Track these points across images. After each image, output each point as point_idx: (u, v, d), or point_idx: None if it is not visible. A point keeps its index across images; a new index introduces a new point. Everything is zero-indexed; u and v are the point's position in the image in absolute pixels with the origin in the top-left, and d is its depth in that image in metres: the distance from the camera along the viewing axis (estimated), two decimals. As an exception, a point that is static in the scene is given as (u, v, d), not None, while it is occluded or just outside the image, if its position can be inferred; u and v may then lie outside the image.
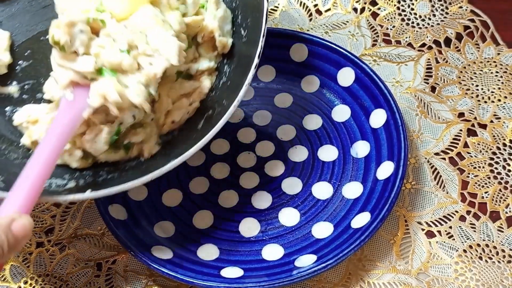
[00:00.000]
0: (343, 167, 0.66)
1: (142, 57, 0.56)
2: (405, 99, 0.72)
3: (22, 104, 0.62)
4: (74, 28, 0.54)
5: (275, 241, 0.62)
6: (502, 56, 0.74)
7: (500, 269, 0.61)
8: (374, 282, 0.61)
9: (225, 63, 0.63)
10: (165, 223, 0.64)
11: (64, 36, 0.53)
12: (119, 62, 0.55)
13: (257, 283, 0.57)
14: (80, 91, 0.55)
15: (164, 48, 0.55)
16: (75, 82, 0.55)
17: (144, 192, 0.65)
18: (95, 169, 0.61)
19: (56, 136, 0.53)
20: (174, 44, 0.56)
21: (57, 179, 0.60)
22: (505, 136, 0.69)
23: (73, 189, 0.58)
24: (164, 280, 0.62)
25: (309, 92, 0.71)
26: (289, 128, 0.69)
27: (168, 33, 0.56)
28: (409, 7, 0.79)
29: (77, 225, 0.66)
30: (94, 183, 0.59)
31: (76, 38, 0.54)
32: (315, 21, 0.79)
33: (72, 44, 0.54)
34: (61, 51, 0.54)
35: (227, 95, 0.60)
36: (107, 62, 0.54)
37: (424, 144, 0.69)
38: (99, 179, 0.60)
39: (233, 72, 0.62)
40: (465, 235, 0.63)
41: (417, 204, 0.65)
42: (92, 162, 0.61)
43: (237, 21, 0.64)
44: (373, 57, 0.75)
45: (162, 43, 0.55)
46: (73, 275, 0.63)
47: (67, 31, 0.53)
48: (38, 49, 0.64)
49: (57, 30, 0.53)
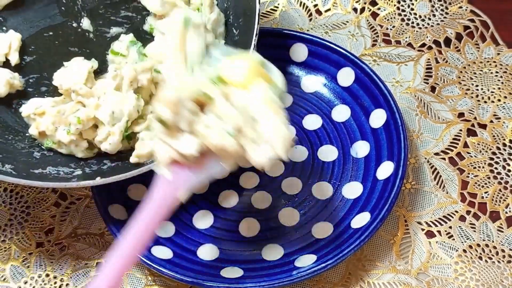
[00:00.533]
0: (343, 167, 0.66)
1: (248, 144, 0.51)
2: (405, 99, 0.72)
3: (27, 97, 0.64)
4: (182, 106, 0.50)
5: (275, 241, 0.62)
6: (502, 56, 0.74)
7: (500, 269, 0.61)
8: (374, 282, 0.61)
9: None
10: (165, 223, 0.64)
11: (169, 114, 0.50)
12: (223, 145, 0.50)
13: (257, 283, 0.57)
14: (179, 170, 0.52)
15: (274, 138, 0.50)
16: (175, 161, 0.52)
17: (144, 192, 0.65)
18: (99, 158, 0.63)
19: (152, 211, 0.51)
20: (286, 136, 0.50)
21: (63, 168, 0.61)
22: (505, 136, 0.69)
23: (80, 176, 0.60)
24: (164, 280, 0.62)
25: (309, 92, 0.71)
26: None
27: (279, 120, 0.51)
28: (409, 7, 0.79)
29: (77, 225, 0.66)
30: (100, 171, 0.61)
31: (182, 116, 0.51)
32: (315, 21, 0.79)
33: (177, 122, 0.51)
34: (164, 128, 0.51)
35: None
36: (212, 145, 0.51)
37: (424, 144, 0.69)
38: (104, 167, 0.62)
39: None
40: (465, 235, 0.63)
41: (417, 204, 0.65)
42: (97, 152, 0.63)
43: (229, 21, 0.65)
44: (373, 57, 0.75)
45: (271, 132, 0.50)
46: (73, 275, 0.63)
47: (173, 109, 0.50)
48: (41, 45, 0.66)
49: (164, 109, 0.50)
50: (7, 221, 0.67)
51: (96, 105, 0.60)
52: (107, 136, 0.60)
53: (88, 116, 0.60)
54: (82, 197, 0.68)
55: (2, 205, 0.68)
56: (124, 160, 0.62)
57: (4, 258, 0.64)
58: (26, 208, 0.67)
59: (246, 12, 0.62)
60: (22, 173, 0.58)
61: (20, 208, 0.67)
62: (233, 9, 0.66)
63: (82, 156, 0.62)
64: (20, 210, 0.67)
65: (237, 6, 0.65)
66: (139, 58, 0.64)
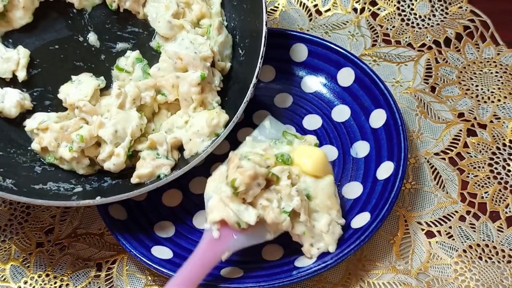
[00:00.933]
0: (343, 167, 0.66)
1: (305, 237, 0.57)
2: (405, 99, 0.72)
3: (31, 111, 0.64)
4: (255, 180, 0.55)
5: (275, 241, 0.62)
6: (502, 56, 0.74)
7: (500, 269, 0.61)
8: (374, 282, 0.61)
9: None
10: (165, 223, 0.64)
11: (243, 185, 0.54)
12: (278, 222, 0.55)
13: (257, 283, 0.57)
14: (227, 232, 0.56)
15: (330, 236, 0.58)
16: (225, 222, 0.55)
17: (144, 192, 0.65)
18: (100, 175, 0.63)
19: (195, 266, 0.55)
20: (338, 235, 0.58)
21: (64, 183, 0.62)
22: (505, 136, 0.69)
23: (80, 193, 0.61)
24: (164, 280, 0.62)
25: (309, 92, 0.71)
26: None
27: (335, 216, 0.58)
28: (409, 7, 0.79)
29: (77, 225, 0.66)
30: (100, 188, 0.62)
31: (251, 189, 0.55)
32: (315, 21, 0.79)
33: (246, 193, 0.55)
34: (233, 194, 0.55)
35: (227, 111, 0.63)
36: (269, 219, 0.55)
37: (424, 144, 0.69)
38: (104, 185, 0.62)
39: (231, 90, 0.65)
40: (465, 235, 0.63)
41: (417, 204, 0.65)
42: (98, 169, 0.63)
43: (235, 41, 0.66)
44: (373, 57, 0.75)
45: (327, 228, 0.57)
46: (73, 275, 0.63)
47: (248, 181, 0.54)
48: (47, 58, 0.65)
49: (240, 177, 0.54)
50: (7, 221, 0.67)
51: (100, 123, 0.60)
52: (110, 154, 0.60)
53: (91, 135, 0.60)
54: (82, 197, 0.68)
55: (2, 205, 0.68)
56: (125, 178, 0.62)
57: (4, 258, 0.64)
58: (26, 208, 0.67)
59: (253, 34, 0.63)
60: (23, 188, 0.59)
61: (20, 208, 0.67)
62: (239, 30, 0.66)
63: (83, 173, 0.63)
64: (20, 210, 0.67)
65: (244, 27, 0.66)
66: (143, 76, 0.64)
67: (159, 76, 0.63)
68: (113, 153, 0.60)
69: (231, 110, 0.62)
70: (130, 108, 0.62)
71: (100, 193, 0.59)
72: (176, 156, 0.62)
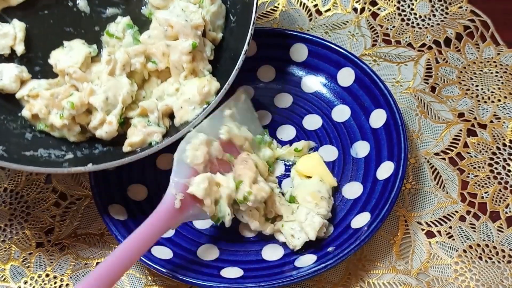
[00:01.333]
0: (343, 167, 0.66)
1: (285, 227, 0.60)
2: (405, 99, 0.72)
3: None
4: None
5: (275, 241, 0.62)
6: (502, 56, 0.74)
7: (500, 269, 0.61)
8: (374, 282, 0.61)
9: None
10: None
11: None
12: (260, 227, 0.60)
13: (257, 283, 0.57)
14: (188, 205, 0.57)
15: (308, 225, 0.59)
16: (186, 200, 0.56)
17: (144, 192, 0.65)
18: (90, 142, 0.63)
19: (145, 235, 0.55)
20: (319, 224, 0.59)
21: (55, 150, 0.62)
22: (505, 136, 0.69)
23: (72, 160, 0.60)
24: (164, 280, 0.62)
25: (309, 92, 0.71)
26: (289, 128, 0.69)
27: (315, 210, 0.60)
28: (409, 7, 0.79)
29: (77, 225, 0.66)
30: (92, 155, 0.62)
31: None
32: (315, 21, 0.79)
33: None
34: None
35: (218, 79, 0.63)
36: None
37: (424, 144, 0.69)
38: (95, 151, 0.62)
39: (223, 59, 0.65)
40: (465, 235, 0.63)
41: (417, 204, 0.65)
42: (89, 137, 0.63)
43: (226, 6, 0.65)
44: (373, 57, 0.75)
45: (308, 219, 0.59)
46: (73, 275, 0.63)
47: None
48: (36, 24, 0.64)
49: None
50: (7, 221, 0.67)
51: (90, 91, 0.60)
52: (101, 122, 0.60)
53: (82, 102, 0.60)
54: (82, 197, 0.68)
55: (2, 205, 0.68)
56: (116, 145, 0.62)
57: (4, 258, 0.64)
58: (26, 208, 0.67)
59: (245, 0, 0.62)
60: (13, 155, 0.58)
61: (20, 208, 0.67)
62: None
63: (74, 140, 0.62)
64: (20, 210, 0.67)
65: None
66: (134, 43, 0.64)
67: (149, 44, 0.63)
68: (104, 120, 0.60)
69: (223, 79, 0.61)
70: (120, 75, 0.61)
71: (91, 160, 0.59)
72: (167, 124, 0.62)
